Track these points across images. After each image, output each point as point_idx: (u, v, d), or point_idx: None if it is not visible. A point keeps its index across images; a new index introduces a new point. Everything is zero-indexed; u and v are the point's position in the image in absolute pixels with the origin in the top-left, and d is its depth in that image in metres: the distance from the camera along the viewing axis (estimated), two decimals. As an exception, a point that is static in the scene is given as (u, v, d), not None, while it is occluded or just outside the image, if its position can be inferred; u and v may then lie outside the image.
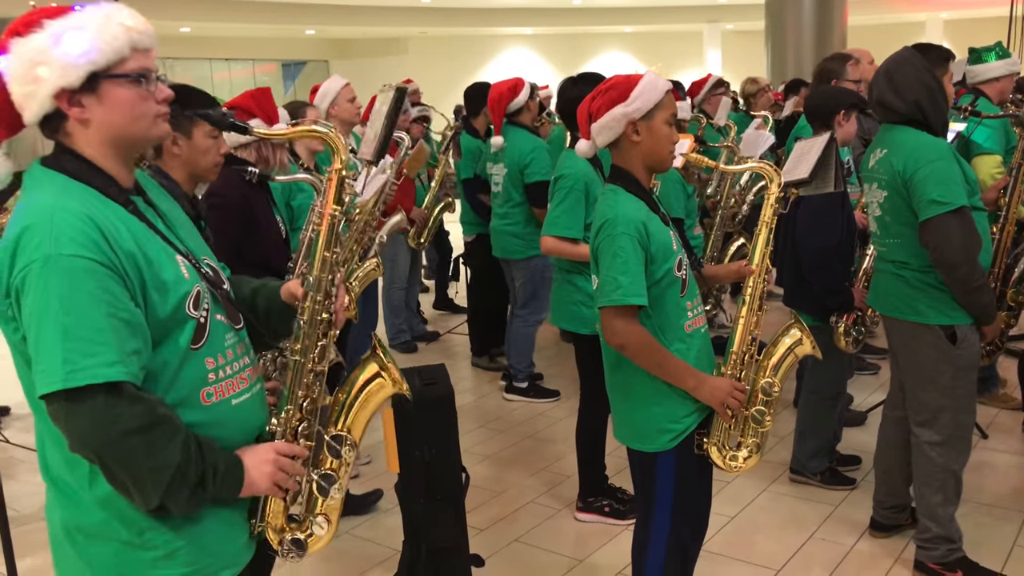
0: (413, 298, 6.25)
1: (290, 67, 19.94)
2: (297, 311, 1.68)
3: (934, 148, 2.73)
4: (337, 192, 1.66)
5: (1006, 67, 4.15)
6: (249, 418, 1.62)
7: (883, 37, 13.34)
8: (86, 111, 1.44)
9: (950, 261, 2.69)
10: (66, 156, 1.47)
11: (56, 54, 1.39)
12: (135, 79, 1.46)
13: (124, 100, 1.46)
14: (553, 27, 18.73)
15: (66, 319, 1.34)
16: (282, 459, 1.58)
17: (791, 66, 8.98)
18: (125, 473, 1.39)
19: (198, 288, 1.52)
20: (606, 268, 2.18)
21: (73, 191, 1.43)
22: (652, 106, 2.19)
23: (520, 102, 4.75)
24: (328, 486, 1.65)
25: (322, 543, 1.68)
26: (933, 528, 2.93)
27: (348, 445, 1.68)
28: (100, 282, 1.36)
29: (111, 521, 1.46)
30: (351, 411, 1.72)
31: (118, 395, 1.36)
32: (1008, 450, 4.00)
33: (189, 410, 1.49)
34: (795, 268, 3.54)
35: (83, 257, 1.36)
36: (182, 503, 1.44)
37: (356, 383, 1.73)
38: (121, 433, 1.36)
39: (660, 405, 2.24)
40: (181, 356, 1.49)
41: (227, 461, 1.50)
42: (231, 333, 1.61)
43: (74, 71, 1.40)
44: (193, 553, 1.51)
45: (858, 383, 4.77)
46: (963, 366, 2.83)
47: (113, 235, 1.41)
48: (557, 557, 3.29)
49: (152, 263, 1.45)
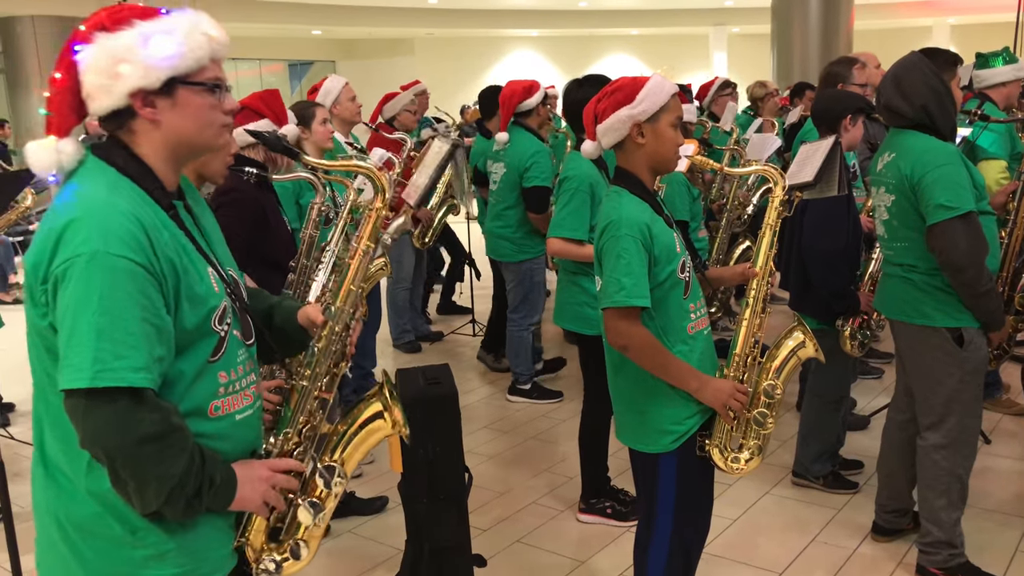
0: (417, 298, 6.26)
1: (297, 67, 19.97)
2: (310, 335, 1.70)
3: (942, 152, 2.73)
4: (374, 229, 1.69)
5: (1013, 72, 4.15)
6: (248, 434, 1.63)
7: (889, 42, 13.34)
8: (158, 113, 1.46)
9: (957, 265, 2.69)
10: (118, 150, 1.48)
11: (142, 55, 1.42)
12: (210, 88, 1.49)
13: (197, 107, 1.48)
14: (559, 29, 18.73)
15: (103, 318, 1.34)
16: (276, 476, 1.59)
17: (797, 70, 9.00)
18: (132, 477, 1.39)
19: (225, 304, 1.54)
20: (610, 269, 2.18)
21: (123, 189, 1.44)
22: (658, 109, 2.20)
23: (531, 104, 4.76)
24: (314, 513, 1.63)
25: (297, 568, 1.66)
26: (935, 532, 2.93)
27: (340, 477, 1.67)
28: (140, 285, 1.38)
29: (104, 515, 1.46)
30: (349, 445, 1.71)
31: (140, 401, 1.37)
32: (1011, 455, 4.00)
33: (197, 421, 1.50)
34: (801, 272, 3.54)
35: (128, 259, 1.37)
36: (178, 512, 1.44)
37: (359, 419, 1.73)
38: (137, 439, 1.37)
39: (662, 407, 2.24)
40: (199, 368, 1.50)
41: (224, 474, 1.50)
42: (243, 349, 1.61)
43: (156, 73, 1.43)
44: (183, 555, 1.51)
45: (861, 387, 4.77)
46: (970, 369, 2.83)
47: (157, 240, 1.42)
48: (559, 558, 3.29)
49: (189, 273, 1.47)
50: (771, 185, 2.40)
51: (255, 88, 3.43)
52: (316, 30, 17.78)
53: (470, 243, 6.47)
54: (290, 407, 1.68)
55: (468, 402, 5.00)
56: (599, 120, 2.26)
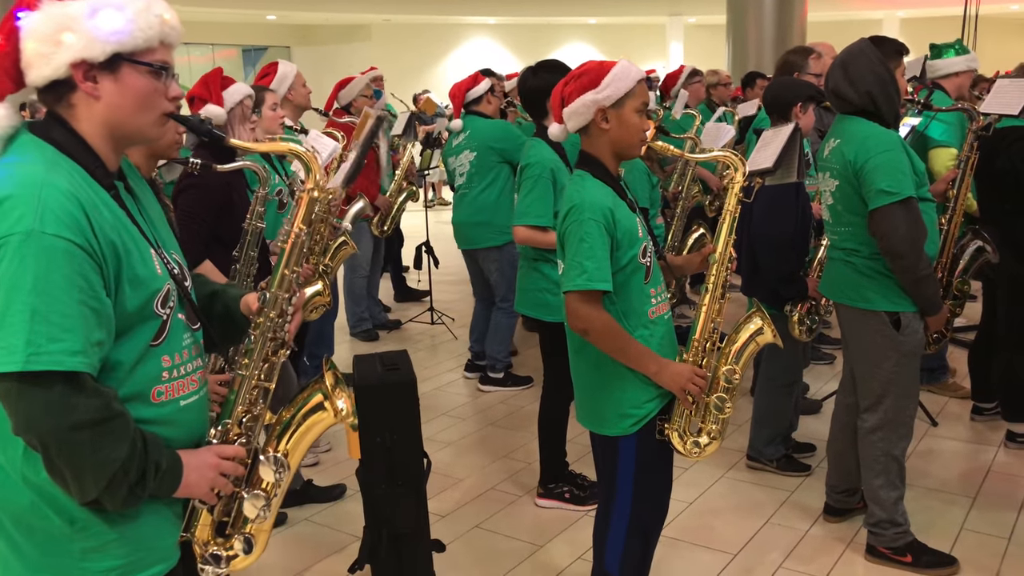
0: (375, 286, 6.22)
1: (251, 53, 19.65)
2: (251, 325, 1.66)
3: (884, 139, 2.80)
4: (307, 211, 1.64)
5: (965, 63, 4.25)
6: (194, 420, 1.59)
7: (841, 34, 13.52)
8: (99, 88, 1.42)
9: (896, 250, 2.76)
10: (57, 127, 1.44)
11: (88, 25, 1.38)
12: (156, 71, 1.45)
13: (139, 88, 1.44)
14: (516, 17, 18.67)
15: (37, 300, 1.30)
16: (223, 463, 1.56)
17: (752, 60, 9.08)
18: (67, 465, 1.35)
19: (168, 286, 1.50)
20: (572, 253, 2.19)
21: (62, 167, 1.40)
22: (623, 95, 2.20)
23: (479, 92, 4.79)
24: (260, 505, 1.59)
25: (245, 563, 1.63)
26: (878, 512, 3.01)
27: (284, 468, 1.62)
28: (78, 267, 1.33)
29: (42, 506, 1.42)
30: (293, 435, 1.67)
31: (76, 386, 1.33)
32: (956, 437, 4.11)
33: (139, 407, 1.46)
34: (751, 256, 3.60)
35: (66, 239, 1.32)
36: (118, 500, 1.40)
37: (302, 408, 1.68)
38: (73, 425, 1.33)
39: (622, 390, 2.26)
40: (140, 352, 1.46)
41: (169, 459, 1.47)
42: (188, 333, 1.58)
43: (100, 46, 1.39)
44: (126, 546, 1.47)
45: (814, 372, 4.86)
46: (906, 352, 2.90)
47: (97, 220, 1.38)
48: (518, 543, 3.31)
49: (130, 254, 1.42)
50: (731, 171, 2.41)
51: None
52: (271, 15, 17.49)
53: (428, 230, 6.44)
54: (229, 399, 1.64)
55: (427, 389, 5.00)
56: (565, 103, 2.26)
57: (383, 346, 5.79)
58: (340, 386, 1.70)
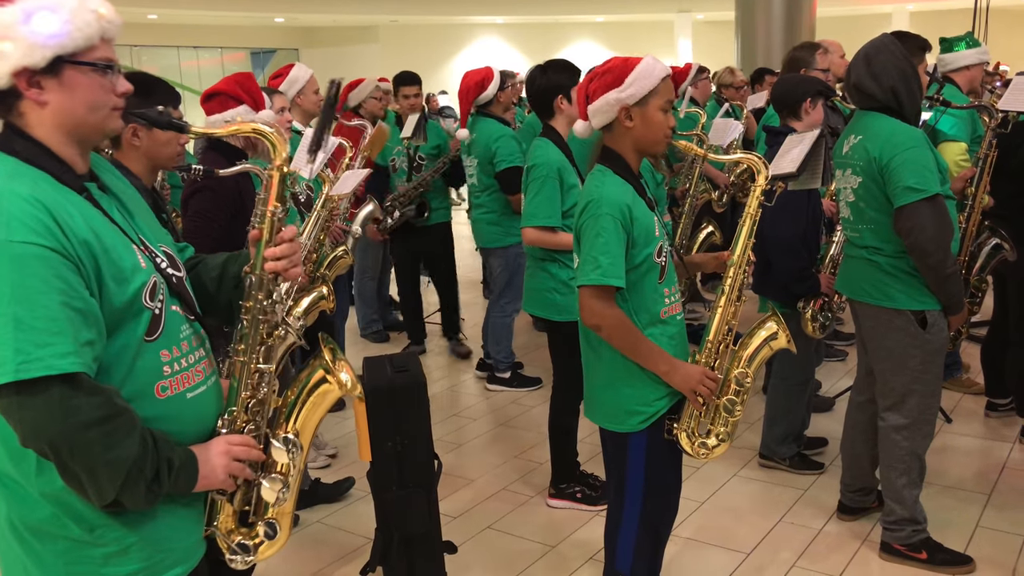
0: (385, 288, 6.23)
1: (259, 55, 19.72)
2: None
3: (910, 136, 2.76)
4: (279, 189, 1.62)
5: (976, 56, 4.21)
6: (204, 411, 1.59)
7: (851, 29, 13.48)
8: (44, 94, 1.40)
9: (924, 248, 2.73)
10: (17, 138, 1.42)
11: (24, 31, 1.36)
12: (100, 69, 1.43)
13: (86, 88, 1.42)
14: (524, 16, 18.69)
15: (18, 308, 1.29)
16: (235, 449, 1.56)
17: (760, 56, 9.03)
18: (81, 467, 1.34)
19: (154, 279, 1.49)
20: (588, 247, 2.19)
21: (24, 175, 1.38)
22: (646, 92, 2.19)
23: (489, 95, 4.76)
24: (278, 488, 1.60)
25: (273, 550, 1.63)
26: (898, 510, 2.99)
27: (296, 448, 1.63)
28: (53, 270, 1.32)
29: (60, 517, 1.42)
30: (301, 412, 1.67)
31: (74, 386, 1.33)
32: (971, 434, 4.08)
33: (143, 404, 1.45)
34: (761, 255, 3.58)
35: (35, 244, 1.31)
36: (139, 499, 1.40)
37: (306, 385, 1.69)
38: (78, 425, 1.32)
39: (632, 387, 2.25)
40: (136, 348, 1.45)
41: (182, 455, 1.47)
42: (186, 324, 1.57)
43: (40, 51, 1.36)
44: (146, 549, 1.47)
45: (826, 369, 4.83)
46: (932, 350, 2.88)
47: (66, 221, 1.36)
48: (530, 543, 3.31)
49: (109, 251, 1.41)
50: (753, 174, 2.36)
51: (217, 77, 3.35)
52: (279, 17, 17.57)
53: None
54: (232, 386, 1.64)
55: (438, 390, 5.00)
56: (590, 100, 2.25)
57: (394, 347, 5.80)
58: (340, 359, 1.69)
